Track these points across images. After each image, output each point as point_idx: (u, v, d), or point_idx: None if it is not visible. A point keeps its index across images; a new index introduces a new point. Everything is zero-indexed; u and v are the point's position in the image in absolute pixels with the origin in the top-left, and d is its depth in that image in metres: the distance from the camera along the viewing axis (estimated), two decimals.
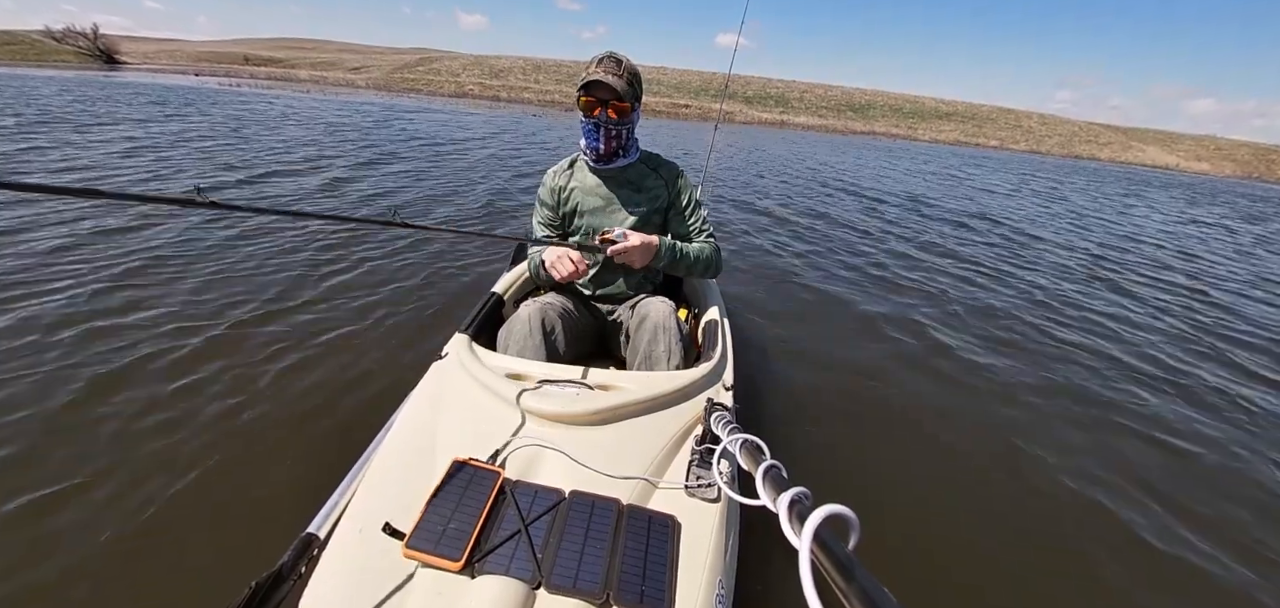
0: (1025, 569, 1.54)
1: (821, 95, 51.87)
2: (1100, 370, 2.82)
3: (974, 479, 1.89)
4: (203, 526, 1.41)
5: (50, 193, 0.68)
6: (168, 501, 1.47)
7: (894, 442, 2.06)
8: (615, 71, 1.40)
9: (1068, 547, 1.64)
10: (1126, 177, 23.25)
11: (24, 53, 49.02)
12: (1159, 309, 4.02)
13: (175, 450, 1.64)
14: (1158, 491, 1.91)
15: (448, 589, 0.76)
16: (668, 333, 1.39)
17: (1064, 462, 2.01)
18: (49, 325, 2.24)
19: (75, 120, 8.75)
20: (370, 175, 6.42)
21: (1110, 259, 5.59)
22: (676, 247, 1.52)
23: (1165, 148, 47.70)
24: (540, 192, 1.65)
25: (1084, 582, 1.52)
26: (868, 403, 2.30)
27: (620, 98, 1.41)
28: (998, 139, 42.64)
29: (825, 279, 3.96)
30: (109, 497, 1.46)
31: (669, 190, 1.60)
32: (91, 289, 2.60)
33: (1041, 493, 1.85)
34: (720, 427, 0.90)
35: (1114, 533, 1.71)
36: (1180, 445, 2.20)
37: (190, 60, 51.70)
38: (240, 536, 1.39)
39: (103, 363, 2.02)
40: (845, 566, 0.43)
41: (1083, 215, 8.94)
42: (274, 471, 1.61)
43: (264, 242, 3.50)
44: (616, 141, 1.49)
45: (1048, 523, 1.73)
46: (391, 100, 25.42)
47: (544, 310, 1.45)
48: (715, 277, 1.67)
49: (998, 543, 1.62)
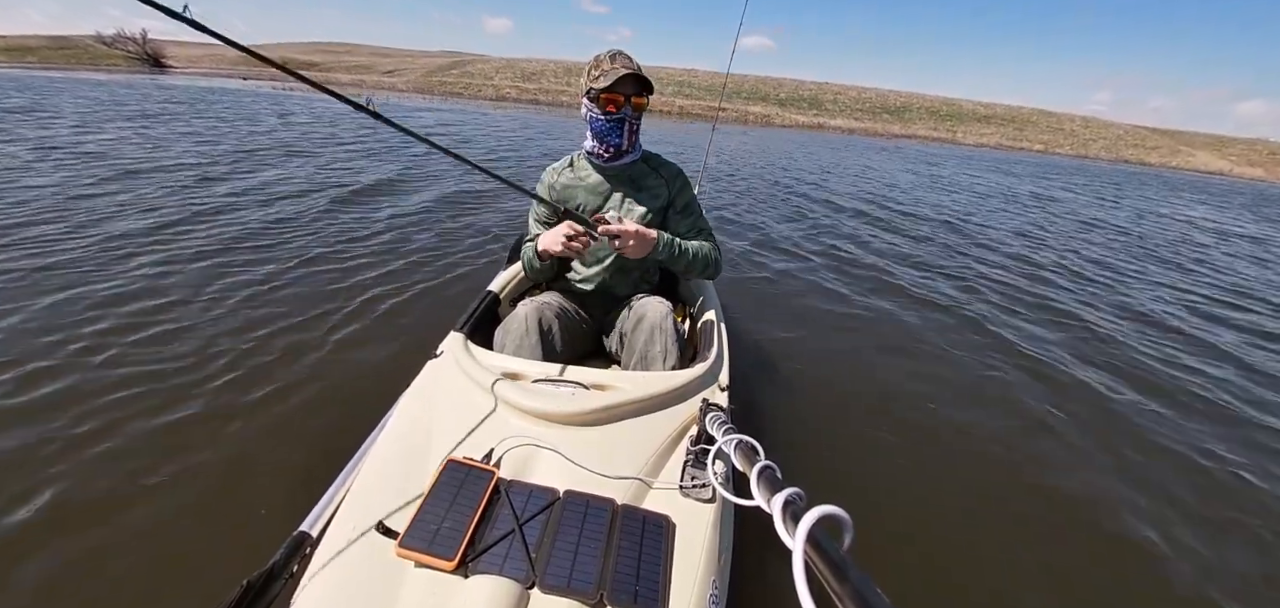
0: (1019, 570, 1.55)
1: (856, 98, 50.96)
2: (1106, 381, 2.84)
3: (969, 479, 1.90)
4: (194, 524, 1.40)
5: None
6: (159, 501, 1.46)
7: (889, 443, 2.07)
8: (633, 66, 1.40)
9: (1063, 547, 1.65)
10: (1190, 185, 22.28)
11: (78, 57, 50.77)
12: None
13: (167, 450, 1.63)
14: (1181, 506, 1.88)
15: (441, 589, 0.76)
16: (664, 333, 1.39)
17: (1065, 463, 2.02)
18: (40, 327, 2.22)
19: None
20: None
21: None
22: (675, 242, 1.51)
23: (1216, 152, 45.96)
24: (537, 189, 1.64)
25: (1078, 582, 1.53)
26: (863, 405, 2.31)
27: (648, 89, 1.42)
28: (1042, 143, 41.49)
29: (828, 282, 3.97)
30: (101, 498, 1.45)
31: (670, 189, 1.60)
32: (87, 291, 2.58)
33: (1038, 495, 1.86)
34: (715, 427, 0.90)
35: (1113, 536, 1.72)
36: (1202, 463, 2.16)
37: (230, 64, 52.23)
38: (232, 534, 1.38)
39: (99, 366, 2.01)
40: (838, 566, 0.43)
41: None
42: (266, 469, 1.60)
43: (255, 241, 3.48)
44: (635, 136, 1.49)
45: (1044, 524, 1.73)
46: (461, 107, 24.81)
47: (541, 310, 1.45)
48: (714, 278, 1.67)
49: (992, 543, 1.63)
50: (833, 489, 1.78)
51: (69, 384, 1.87)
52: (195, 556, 1.32)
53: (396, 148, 8.48)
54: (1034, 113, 50.99)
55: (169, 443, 1.65)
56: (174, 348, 2.14)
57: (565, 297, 1.61)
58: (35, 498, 1.42)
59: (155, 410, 1.79)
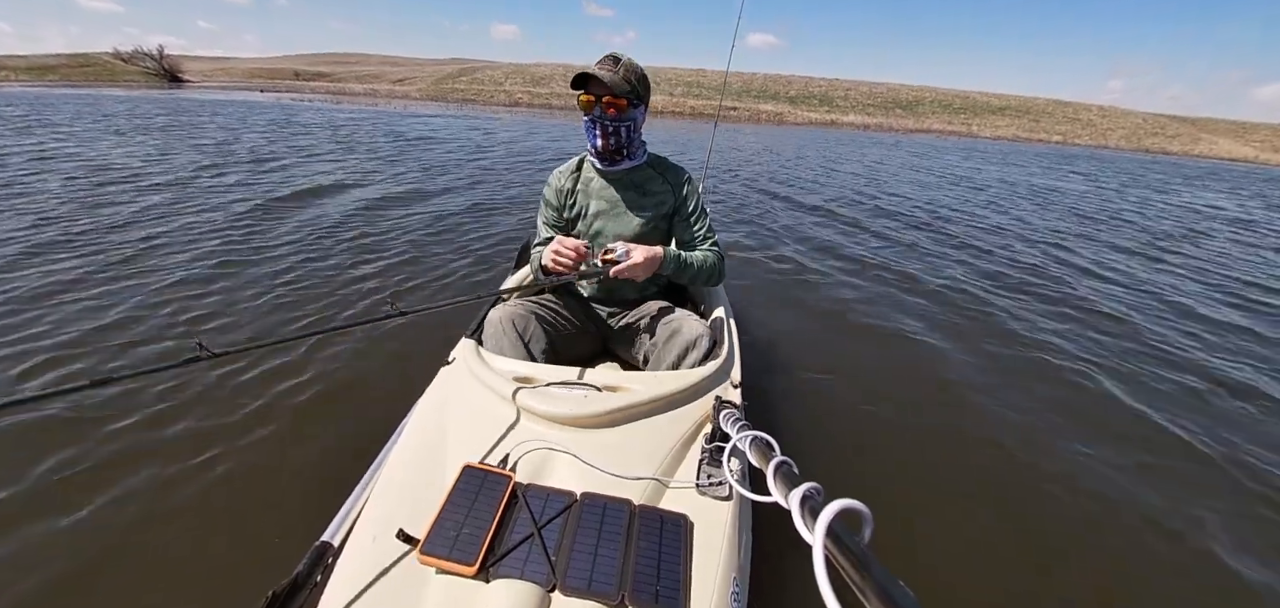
0: (1043, 564, 1.52)
1: (867, 94, 50.06)
2: (1118, 383, 2.79)
3: (990, 473, 1.88)
4: (218, 537, 1.43)
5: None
6: (183, 514, 1.48)
7: (905, 435, 2.05)
8: (611, 69, 1.38)
9: (1089, 544, 1.62)
10: (1226, 173, 21.06)
11: (97, 73, 53.59)
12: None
13: (188, 464, 1.66)
14: (1197, 499, 1.83)
15: (463, 594, 0.76)
16: (698, 352, 1.38)
17: (1087, 462, 1.99)
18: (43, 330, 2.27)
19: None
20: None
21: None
22: (681, 257, 1.49)
23: (1238, 139, 44.32)
24: (545, 192, 1.64)
25: (1102, 578, 1.50)
26: (878, 397, 2.29)
27: (614, 93, 1.38)
28: (1060, 134, 40.39)
29: (841, 281, 3.94)
30: (122, 512, 1.48)
31: (675, 195, 1.57)
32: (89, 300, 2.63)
33: (1061, 490, 1.83)
34: (729, 424, 0.90)
35: (1135, 534, 1.68)
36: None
37: (244, 77, 53.97)
38: (256, 545, 1.40)
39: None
40: (860, 560, 0.43)
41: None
42: (287, 480, 1.63)
43: (270, 253, 3.53)
44: (615, 140, 1.45)
45: (1067, 520, 1.71)
46: (474, 113, 24.86)
47: (513, 315, 1.44)
48: (718, 285, 1.65)
49: (1014, 537, 1.61)
50: (849, 484, 1.76)
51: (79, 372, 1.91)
52: (219, 569, 1.34)
53: (405, 158, 8.55)
54: (1048, 103, 49.54)
55: (185, 460, 1.68)
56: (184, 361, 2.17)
57: (565, 299, 1.61)
58: (42, 510, 1.45)
59: (170, 425, 1.81)
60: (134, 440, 1.74)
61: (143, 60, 53.90)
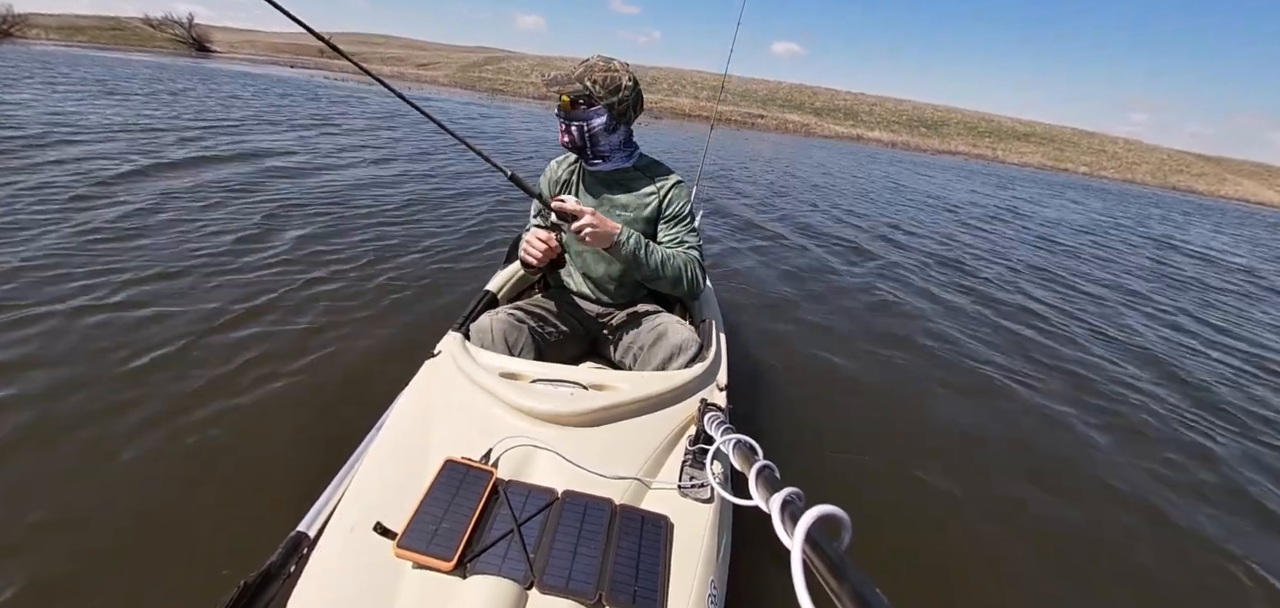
0: (1019, 571, 1.55)
1: (893, 110, 48.98)
2: (1113, 383, 2.85)
3: (971, 481, 1.90)
4: (190, 525, 1.40)
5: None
6: (155, 501, 1.45)
7: (888, 443, 2.07)
8: (580, 72, 1.41)
9: (1070, 557, 1.65)
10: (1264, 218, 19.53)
11: (127, 38, 52.95)
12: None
13: (161, 451, 1.62)
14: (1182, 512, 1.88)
15: (439, 590, 0.75)
16: (684, 356, 1.38)
17: (1075, 468, 2.02)
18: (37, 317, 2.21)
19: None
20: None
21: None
22: (646, 247, 1.42)
23: (1262, 182, 43.31)
24: (541, 179, 1.67)
25: (1082, 584, 1.53)
26: (862, 405, 2.31)
27: (570, 94, 1.41)
28: (1086, 164, 39.78)
29: (831, 281, 3.97)
30: (95, 501, 1.44)
31: (660, 198, 1.56)
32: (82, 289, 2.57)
33: (1040, 496, 1.86)
34: (714, 427, 0.90)
35: (1117, 541, 1.72)
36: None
37: (270, 50, 53.17)
38: (229, 535, 1.38)
39: (98, 359, 2.00)
40: (837, 565, 0.43)
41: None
42: (263, 469, 1.60)
43: (256, 243, 3.47)
44: (570, 138, 1.46)
45: (1045, 526, 1.74)
46: (502, 104, 24.08)
47: (502, 311, 1.46)
48: (690, 296, 1.57)
49: (991, 543, 1.64)
50: (831, 490, 1.78)
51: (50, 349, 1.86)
52: (190, 558, 1.31)
53: (395, 142, 8.44)
54: (1074, 133, 49.13)
55: (159, 447, 1.64)
56: (161, 346, 2.13)
57: (553, 300, 1.61)
58: (16, 506, 1.41)
59: (142, 410, 1.78)
60: (100, 430, 1.70)
61: (172, 27, 53.58)
